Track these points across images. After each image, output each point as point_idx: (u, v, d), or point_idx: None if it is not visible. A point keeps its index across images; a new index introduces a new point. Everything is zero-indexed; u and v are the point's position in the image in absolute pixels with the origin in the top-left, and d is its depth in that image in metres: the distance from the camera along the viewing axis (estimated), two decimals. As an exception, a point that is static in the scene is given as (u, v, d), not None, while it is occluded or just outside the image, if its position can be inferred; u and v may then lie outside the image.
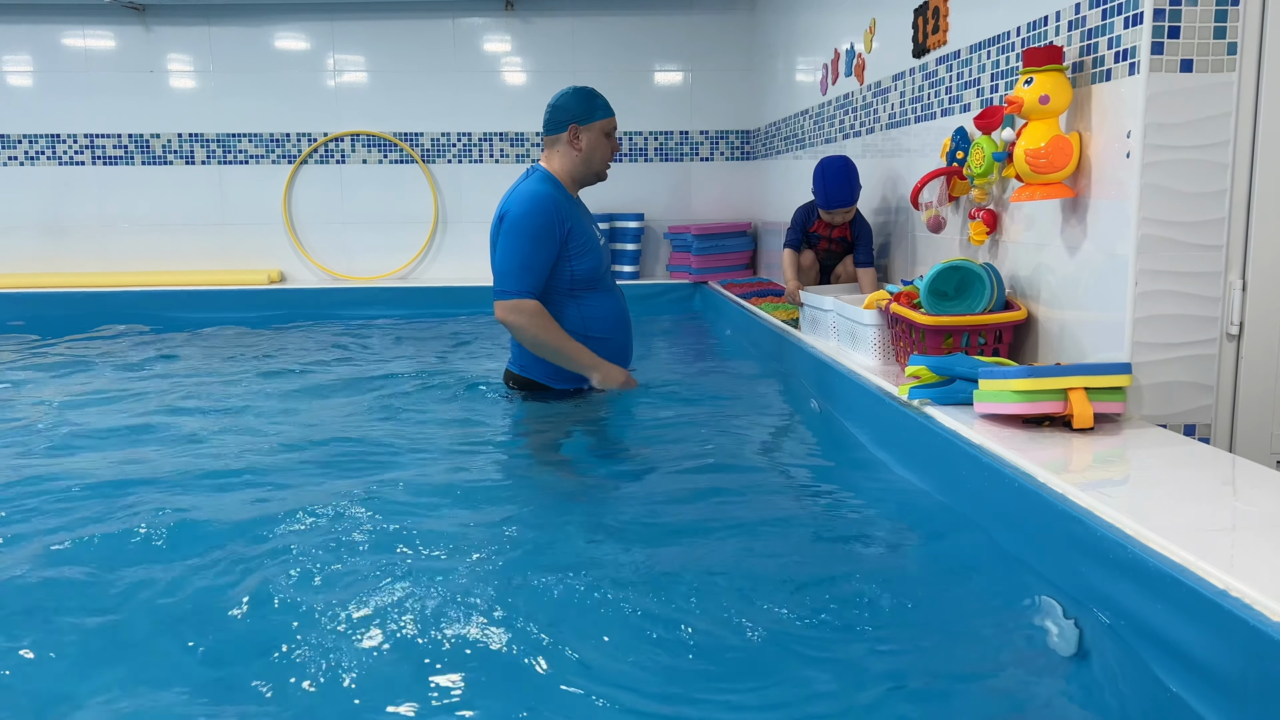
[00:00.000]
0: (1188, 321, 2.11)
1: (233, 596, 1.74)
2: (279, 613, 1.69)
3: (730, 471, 2.49)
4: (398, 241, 6.36)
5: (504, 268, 3.00)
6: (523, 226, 2.98)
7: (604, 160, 3.17)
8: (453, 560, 1.89)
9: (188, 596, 1.76)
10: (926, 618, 1.67)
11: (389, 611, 1.67)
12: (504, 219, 3.03)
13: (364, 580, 1.79)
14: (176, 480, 2.41)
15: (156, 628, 1.65)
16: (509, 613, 1.66)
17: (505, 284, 3.00)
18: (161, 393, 3.53)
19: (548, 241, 3.00)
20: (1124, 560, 1.45)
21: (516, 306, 2.98)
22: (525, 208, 3.00)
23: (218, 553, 1.93)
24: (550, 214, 3.00)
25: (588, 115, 3.11)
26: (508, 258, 2.99)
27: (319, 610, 1.68)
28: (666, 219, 6.41)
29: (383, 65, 6.24)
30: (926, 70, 3.23)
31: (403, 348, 4.59)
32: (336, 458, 2.61)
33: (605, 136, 3.14)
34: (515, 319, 2.99)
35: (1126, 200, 2.10)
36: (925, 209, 2.94)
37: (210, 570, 1.86)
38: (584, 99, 3.13)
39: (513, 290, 2.99)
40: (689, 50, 6.31)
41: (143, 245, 6.28)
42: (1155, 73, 2.03)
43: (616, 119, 3.20)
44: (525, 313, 2.98)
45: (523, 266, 2.99)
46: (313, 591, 1.76)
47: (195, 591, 1.77)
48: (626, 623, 1.64)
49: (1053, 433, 2.04)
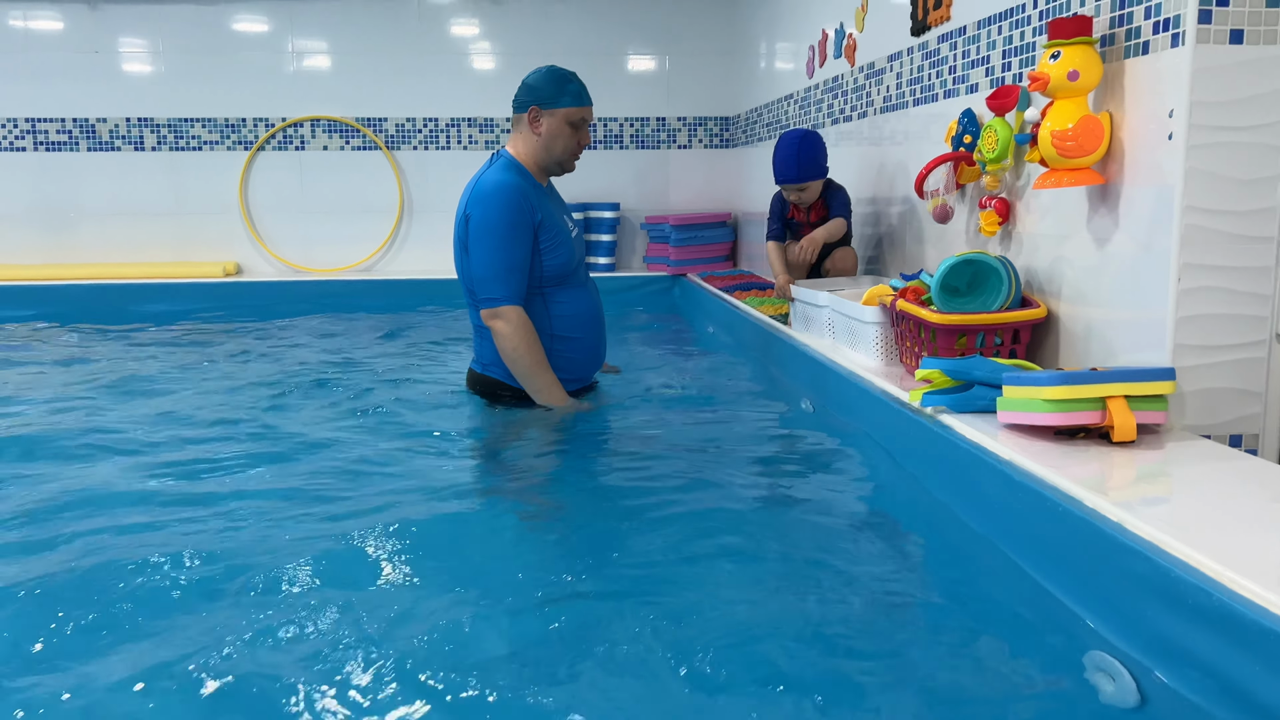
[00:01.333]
0: (1235, 321, 1.91)
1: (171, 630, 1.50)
2: (234, 651, 1.44)
3: (718, 486, 2.25)
4: (361, 232, 6.07)
5: (483, 274, 2.78)
6: (492, 226, 2.75)
7: (566, 151, 2.89)
8: (411, 593, 1.65)
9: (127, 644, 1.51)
10: (958, 666, 1.45)
11: (337, 644, 1.42)
12: (469, 221, 2.78)
13: (304, 622, 1.55)
14: (110, 499, 2.14)
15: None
16: (479, 644, 1.42)
17: (488, 290, 2.78)
18: (104, 394, 3.25)
19: (522, 237, 2.78)
20: (1205, 606, 1.24)
21: (500, 314, 2.78)
22: (491, 205, 2.76)
23: (150, 579, 1.68)
24: (518, 206, 2.77)
25: (553, 99, 2.85)
26: (485, 264, 2.77)
27: (271, 645, 1.44)
28: (643, 209, 6.16)
29: (344, 47, 5.94)
30: (927, 49, 3.02)
31: (364, 345, 4.32)
32: (282, 478, 2.35)
33: (569, 126, 2.86)
34: (500, 326, 2.79)
35: (1168, 187, 1.89)
36: (930, 197, 2.73)
37: (146, 605, 1.61)
38: (553, 81, 2.86)
39: (498, 296, 2.78)
40: (666, 33, 6.06)
41: (89, 236, 5.95)
42: (1202, 44, 1.82)
43: (590, 110, 2.92)
44: (511, 322, 2.78)
45: (504, 269, 2.77)
46: (264, 626, 1.51)
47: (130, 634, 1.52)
48: (606, 662, 1.41)
49: (1088, 445, 1.83)
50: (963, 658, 1.48)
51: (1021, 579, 1.66)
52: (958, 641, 1.52)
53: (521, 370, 2.81)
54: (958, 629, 1.57)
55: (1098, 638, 1.45)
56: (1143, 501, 1.53)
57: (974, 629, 1.58)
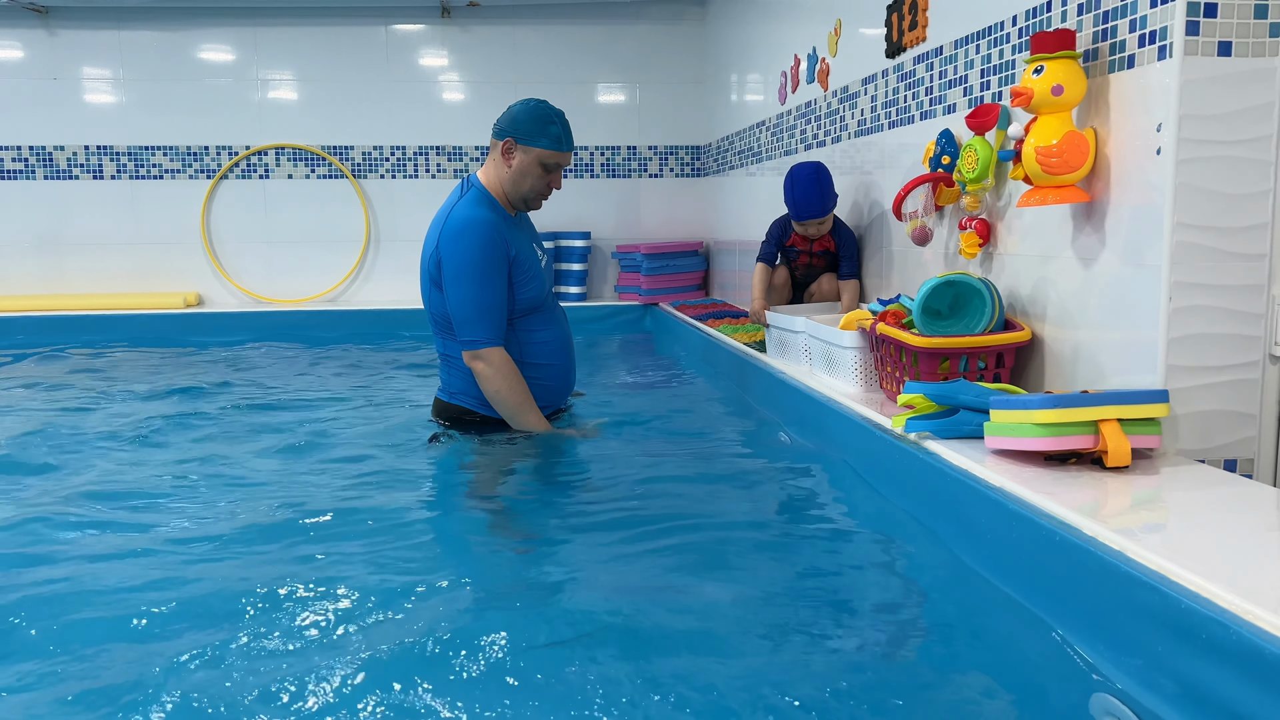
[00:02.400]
0: (1227, 341, 1.84)
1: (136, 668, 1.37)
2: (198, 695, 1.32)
3: (694, 518, 2.14)
4: (326, 262, 5.95)
5: (461, 315, 2.69)
6: (466, 265, 2.66)
7: (533, 191, 2.79)
8: (378, 627, 1.53)
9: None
10: (951, 711, 1.35)
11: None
12: (443, 260, 2.68)
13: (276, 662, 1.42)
14: (64, 550, 2.00)
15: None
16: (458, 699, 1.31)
17: (469, 332, 2.69)
18: (59, 428, 3.10)
19: (498, 274, 2.70)
20: (1223, 641, 1.15)
21: (481, 356, 2.69)
22: (465, 243, 2.66)
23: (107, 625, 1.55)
24: (491, 241, 2.67)
25: (530, 137, 2.73)
26: (462, 304, 2.68)
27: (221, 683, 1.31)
28: (614, 238, 6.09)
29: (310, 74, 5.85)
30: (903, 71, 2.97)
31: (330, 376, 4.19)
32: (244, 512, 2.23)
33: (541, 167, 2.76)
34: (481, 369, 2.70)
35: (1157, 203, 1.83)
36: (909, 219, 2.67)
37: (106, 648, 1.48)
38: (536, 118, 2.74)
39: (480, 339, 2.69)
40: (636, 62, 6.02)
41: (47, 266, 5.78)
42: (1190, 56, 1.77)
43: (568, 157, 2.80)
44: (493, 365, 2.70)
45: (483, 309, 2.68)
46: (227, 678, 1.39)
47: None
48: (583, 696, 1.30)
49: (1081, 471, 1.75)
50: (955, 700, 1.38)
51: (1017, 613, 1.57)
52: (949, 683, 1.42)
53: (508, 411, 2.74)
54: (948, 669, 1.47)
55: (1100, 674, 1.36)
56: (1145, 529, 1.45)
57: (966, 668, 1.48)
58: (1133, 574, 1.31)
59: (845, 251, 3.33)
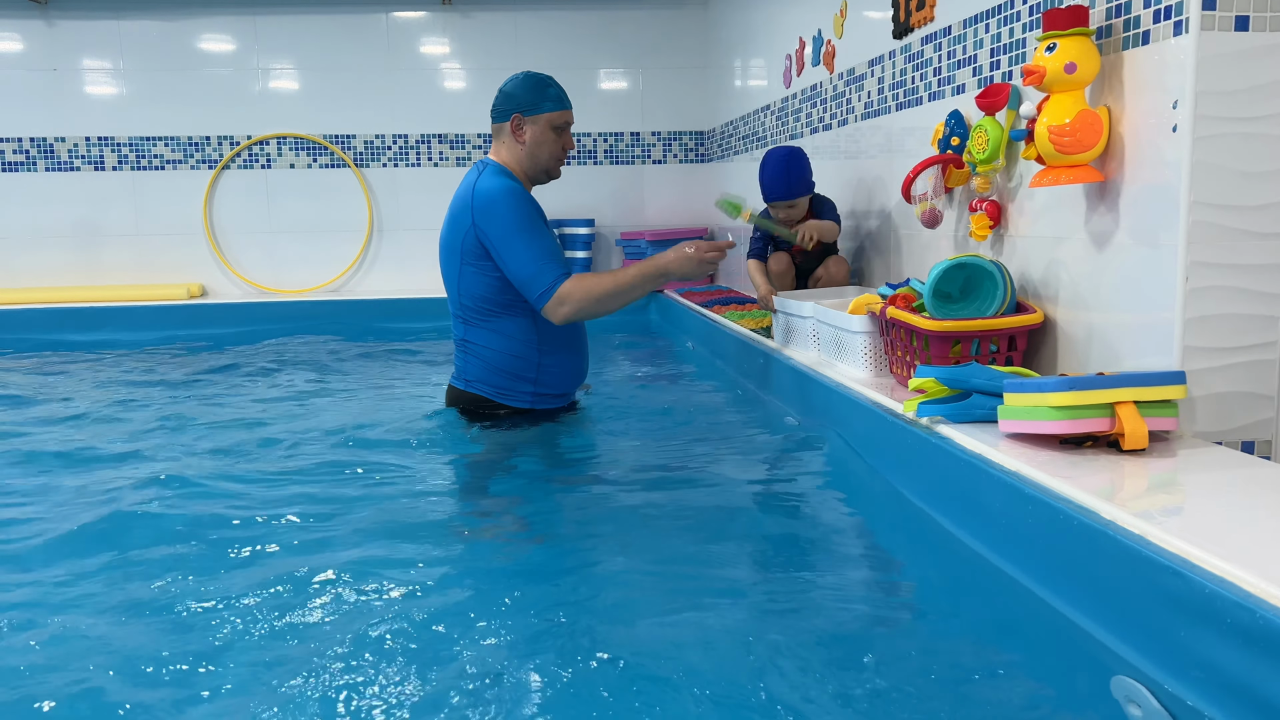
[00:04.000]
0: (1245, 322, 1.82)
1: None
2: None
3: (707, 511, 2.12)
4: (329, 252, 5.93)
5: (525, 273, 2.65)
6: (511, 225, 2.65)
7: (552, 157, 2.83)
8: (388, 618, 1.52)
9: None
10: (966, 696, 1.34)
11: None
12: (484, 232, 2.66)
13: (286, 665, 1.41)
14: (77, 544, 1.98)
15: None
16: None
17: (538, 285, 2.65)
18: (66, 423, 3.08)
19: (541, 222, 2.72)
20: (1248, 625, 1.13)
21: (559, 297, 2.65)
22: (503, 208, 2.66)
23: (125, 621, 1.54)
24: (526, 200, 2.71)
25: (534, 105, 2.78)
26: (521, 264, 2.65)
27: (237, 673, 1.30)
28: (618, 225, 6.06)
29: (311, 63, 5.81)
30: (910, 52, 2.93)
31: (335, 367, 4.17)
32: (253, 503, 2.21)
33: (553, 131, 2.81)
34: (567, 310, 2.66)
35: (1173, 182, 1.80)
36: (918, 202, 2.64)
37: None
38: (532, 87, 2.80)
39: (550, 283, 2.65)
40: (639, 47, 5.98)
41: (49, 259, 5.76)
42: (1207, 31, 1.74)
43: (571, 113, 2.85)
44: (574, 295, 2.65)
45: (540, 258, 2.65)
46: (238, 672, 1.37)
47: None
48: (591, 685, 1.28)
49: (1097, 454, 1.72)
50: (972, 686, 1.36)
51: (1031, 599, 1.55)
52: (965, 668, 1.41)
53: (623, 298, 2.69)
54: (964, 654, 1.46)
55: (1119, 660, 1.34)
56: (1164, 512, 1.43)
57: (982, 653, 1.46)
58: (1153, 557, 1.29)
59: (825, 211, 3.29)
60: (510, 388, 2.78)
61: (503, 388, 2.78)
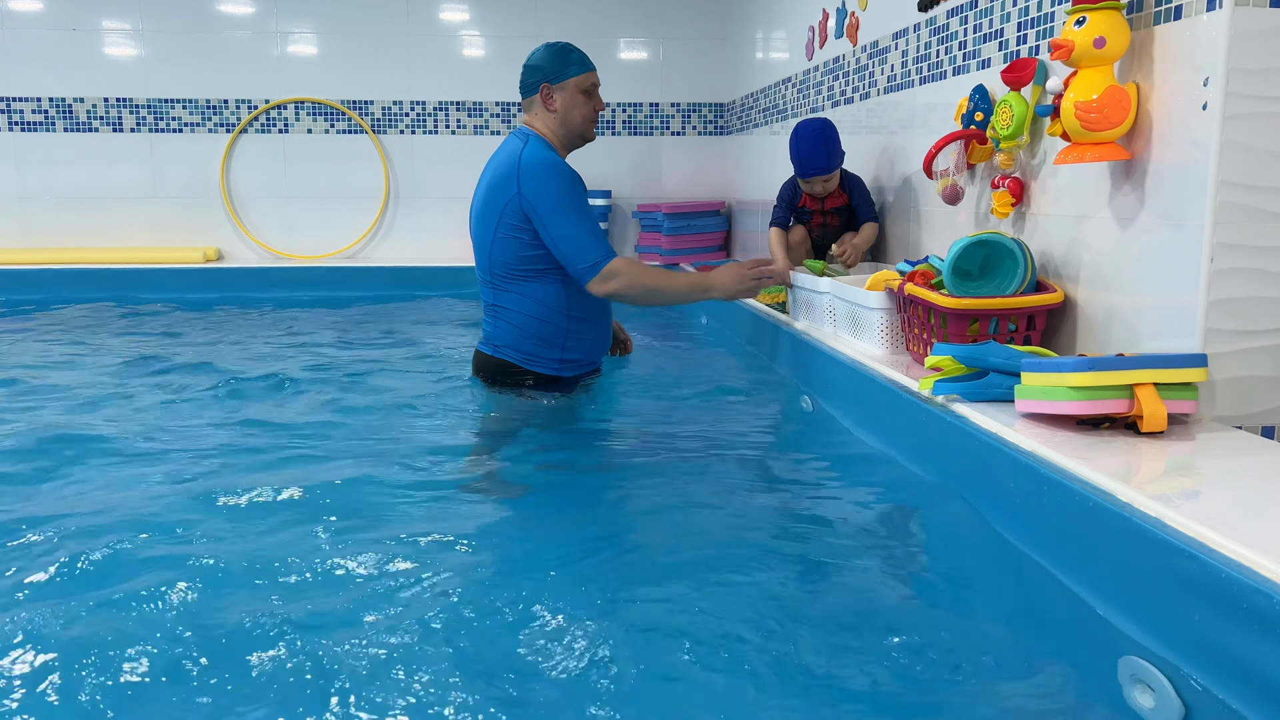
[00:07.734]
0: (1270, 305, 1.79)
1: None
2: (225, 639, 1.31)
3: (719, 487, 2.12)
4: (345, 218, 5.92)
5: (572, 248, 2.68)
6: (560, 198, 2.68)
7: (585, 120, 2.87)
8: (406, 588, 1.52)
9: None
10: (978, 676, 1.33)
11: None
12: (531, 204, 2.66)
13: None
14: (104, 503, 1.99)
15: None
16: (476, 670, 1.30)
17: (586, 258, 2.68)
18: (81, 385, 3.10)
19: (586, 199, 2.76)
20: (1264, 610, 1.12)
21: (608, 272, 2.68)
22: (552, 181, 2.68)
23: (148, 577, 1.55)
24: (572, 175, 2.74)
25: (559, 73, 2.81)
26: (568, 237, 2.67)
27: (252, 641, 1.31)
28: (635, 197, 6.03)
29: (330, 27, 5.78)
30: (935, 25, 2.89)
31: (355, 333, 4.18)
32: (277, 471, 2.22)
33: (582, 94, 2.84)
34: (614, 286, 2.69)
35: (1201, 161, 1.77)
36: (940, 178, 2.60)
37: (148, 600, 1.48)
38: (554, 55, 2.83)
39: (599, 258, 2.68)
40: (659, 17, 5.92)
41: (65, 220, 5.78)
42: (1241, 7, 1.70)
43: (597, 74, 2.87)
44: (624, 273, 2.69)
45: (588, 233, 2.69)
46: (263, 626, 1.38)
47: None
48: (609, 661, 1.29)
49: (1115, 436, 1.71)
50: (984, 666, 1.35)
51: (1046, 580, 1.54)
52: (977, 649, 1.40)
53: (667, 298, 2.81)
54: (976, 634, 1.45)
55: (1133, 643, 1.33)
56: (1181, 495, 1.41)
57: (995, 634, 1.46)
58: (1170, 541, 1.28)
59: (859, 199, 3.29)
60: (538, 354, 2.79)
61: (530, 354, 2.79)
